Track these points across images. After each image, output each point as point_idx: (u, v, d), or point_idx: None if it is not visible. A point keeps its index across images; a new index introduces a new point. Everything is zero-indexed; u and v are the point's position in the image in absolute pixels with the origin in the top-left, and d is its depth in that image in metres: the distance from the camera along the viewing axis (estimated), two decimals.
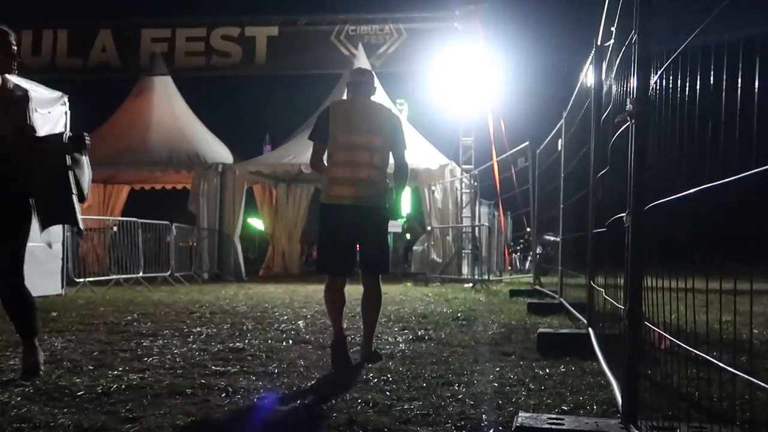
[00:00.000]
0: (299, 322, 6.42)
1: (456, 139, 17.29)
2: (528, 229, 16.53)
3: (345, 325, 4.85)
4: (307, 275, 13.04)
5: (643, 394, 2.58)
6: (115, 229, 12.14)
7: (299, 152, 15.69)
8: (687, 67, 2.05)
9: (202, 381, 3.68)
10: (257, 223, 35.43)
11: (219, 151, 16.94)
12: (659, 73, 2.37)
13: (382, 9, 18.45)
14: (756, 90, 1.61)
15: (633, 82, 2.66)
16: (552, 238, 12.61)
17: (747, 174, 1.58)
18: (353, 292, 4.82)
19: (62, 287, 9.65)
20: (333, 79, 17.56)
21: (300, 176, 17.01)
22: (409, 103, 19.43)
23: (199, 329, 5.86)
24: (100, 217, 14.51)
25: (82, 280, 10.57)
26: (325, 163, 4.49)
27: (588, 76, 5.44)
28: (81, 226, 3.90)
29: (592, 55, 5.02)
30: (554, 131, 8.68)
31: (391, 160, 4.58)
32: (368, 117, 4.54)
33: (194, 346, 4.91)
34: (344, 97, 4.75)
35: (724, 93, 1.75)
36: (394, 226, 18.73)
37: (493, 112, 18.50)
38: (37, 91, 8.03)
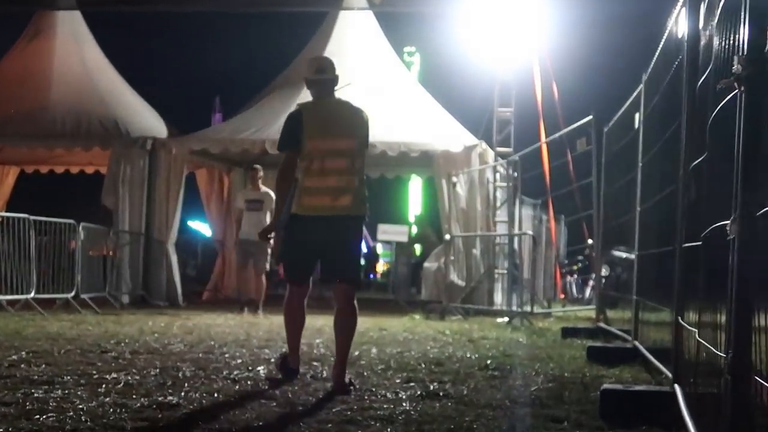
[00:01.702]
0: (259, 369, 6.43)
1: (488, 110, 17.31)
2: (589, 242, 16.51)
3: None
4: (271, 301, 13.04)
5: None
6: None
7: (263, 124, 15.71)
8: None
9: None
10: (201, 227, 35.52)
11: (148, 120, 16.95)
12: None
13: None
14: None
15: (742, 33, 2.66)
16: (623, 255, 12.61)
17: None
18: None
19: None
20: (309, 22, 17.65)
21: (264, 158, 16.99)
22: (422, 54, 19.46)
23: (114, 375, 5.85)
24: None
25: None
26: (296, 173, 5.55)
27: (678, 24, 5.44)
28: None
29: None
30: (629, 101, 8.68)
31: None
32: (343, 119, 5.92)
33: (107, 399, 4.91)
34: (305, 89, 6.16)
35: None
36: (398, 234, 18.77)
37: (542, 71, 18.51)
38: None
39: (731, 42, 3.02)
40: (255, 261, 13.22)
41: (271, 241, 7.56)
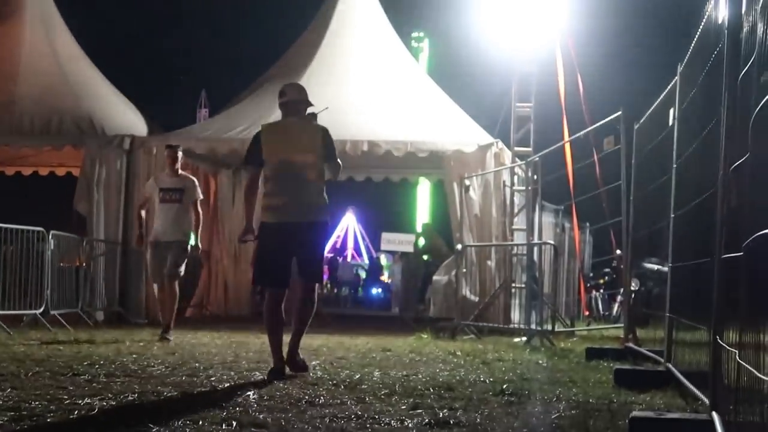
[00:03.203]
0: (249, 393, 6.42)
1: (506, 105, 17.29)
2: (618, 252, 16.49)
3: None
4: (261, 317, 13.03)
5: None
6: None
7: (254, 121, 15.72)
8: None
9: None
10: None
11: (126, 117, 17.00)
12: None
13: None
14: None
15: None
16: (655, 268, 12.58)
17: None
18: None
19: None
20: (306, 6, 17.68)
21: None
22: (431, 41, 19.53)
23: (88, 401, 5.85)
24: None
25: None
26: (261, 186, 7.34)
27: (718, 10, 5.44)
28: None
29: None
30: (662, 96, 8.68)
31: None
32: (299, 136, 7.71)
33: (79, 428, 4.90)
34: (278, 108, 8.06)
35: None
36: (404, 244, 18.77)
37: (566, 62, 18.52)
38: None
39: None
40: (169, 265, 11.51)
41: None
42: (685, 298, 6.96)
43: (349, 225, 70.37)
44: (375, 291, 36.95)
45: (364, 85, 16.53)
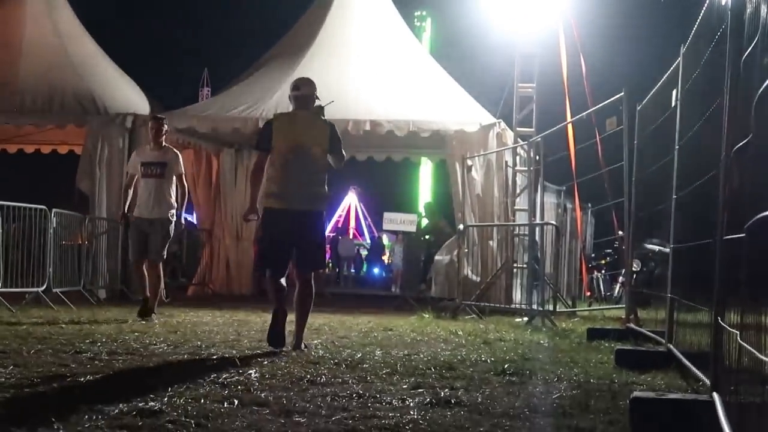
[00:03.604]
0: (250, 372, 6.44)
1: (508, 85, 17.26)
2: (620, 233, 16.46)
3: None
4: (264, 295, 13.06)
5: None
6: None
7: (257, 100, 15.75)
8: None
9: None
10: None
11: (128, 95, 16.98)
12: None
13: None
14: None
15: None
16: (657, 249, 12.56)
17: None
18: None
19: None
20: None
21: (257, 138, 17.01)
22: (433, 19, 19.46)
23: (90, 378, 5.86)
24: None
25: None
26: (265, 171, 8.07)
27: None
28: None
29: None
30: (665, 77, 8.66)
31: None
32: (308, 129, 8.14)
33: (81, 405, 4.92)
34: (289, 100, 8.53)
35: None
36: (406, 224, 18.76)
37: (569, 42, 18.46)
38: None
39: None
40: (152, 244, 11.13)
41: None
42: (687, 279, 6.97)
43: (351, 204, 70.42)
44: (377, 270, 36.97)
45: (367, 65, 16.50)
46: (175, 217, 11.32)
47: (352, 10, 17.34)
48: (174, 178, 11.29)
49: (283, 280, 8.13)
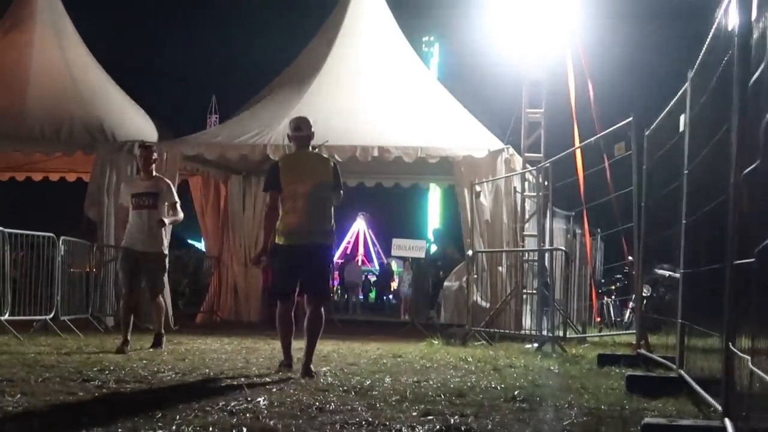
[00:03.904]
0: (259, 399, 6.42)
1: (516, 111, 17.28)
2: (629, 258, 16.44)
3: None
4: (273, 322, 13.05)
5: None
6: None
7: (264, 127, 15.78)
8: None
9: None
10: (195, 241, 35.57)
11: (136, 122, 17.03)
12: None
13: None
14: None
15: None
16: (667, 274, 12.53)
17: None
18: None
19: None
20: (317, 13, 17.71)
21: (266, 165, 17.01)
22: (441, 45, 19.53)
23: (98, 407, 5.85)
24: None
25: None
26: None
27: (728, 16, 5.42)
28: None
29: None
30: (673, 102, 8.66)
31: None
32: (313, 167, 8.65)
33: None
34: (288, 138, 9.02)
35: None
36: (415, 250, 18.75)
37: (577, 68, 18.51)
38: None
39: None
40: (148, 279, 10.97)
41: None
42: (697, 304, 6.94)
43: (359, 230, 70.39)
44: (385, 297, 36.87)
45: (374, 91, 16.54)
46: (167, 249, 11.21)
47: (360, 36, 17.41)
48: (166, 207, 10.92)
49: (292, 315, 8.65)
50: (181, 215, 11.22)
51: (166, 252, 11.18)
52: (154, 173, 11.15)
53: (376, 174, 19.40)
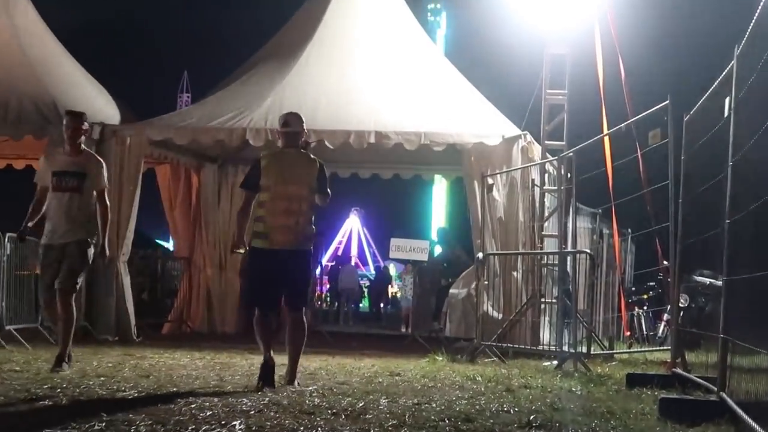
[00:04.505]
0: (235, 424, 6.42)
1: (535, 93, 17.28)
2: (665, 263, 16.44)
3: None
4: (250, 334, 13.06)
5: None
6: None
7: (244, 108, 15.75)
8: None
9: None
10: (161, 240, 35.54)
11: (95, 102, 17.01)
12: None
13: None
14: None
15: None
16: (708, 281, 12.53)
17: None
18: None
19: None
20: None
21: (245, 152, 17.05)
22: (449, 14, 19.54)
23: (48, 430, 5.84)
24: None
25: None
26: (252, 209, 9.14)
27: None
28: None
29: None
30: (717, 82, 8.67)
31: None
32: (297, 168, 9.19)
33: None
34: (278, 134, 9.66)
35: None
36: (416, 252, 18.75)
37: (605, 42, 18.51)
38: None
39: None
40: (61, 275, 9.90)
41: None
42: (743, 317, 6.94)
43: (352, 229, 70.30)
44: (382, 306, 36.80)
45: (372, 67, 16.54)
46: (95, 241, 10.15)
47: (356, 3, 17.40)
48: (94, 193, 10.11)
49: (271, 320, 9.24)
50: (107, 211, 10.26)
51: (92, 242, 10.13)
52: (83, 148, 10.32)
53: (373, 163, 19.41)
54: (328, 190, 9.40)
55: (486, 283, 14.79)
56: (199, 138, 15.75)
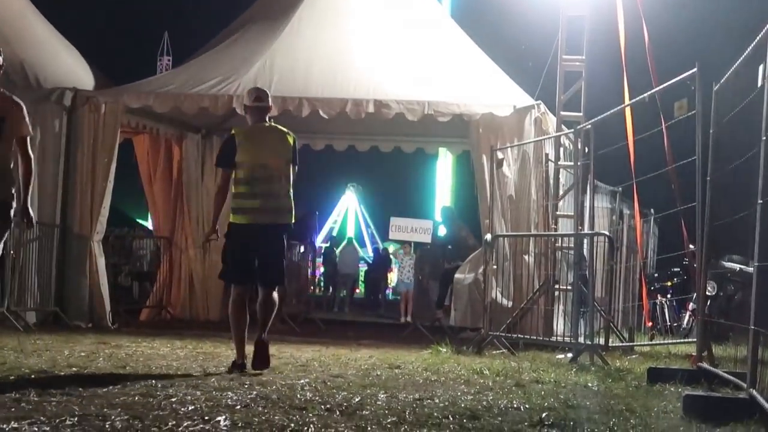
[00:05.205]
0: (219, 419, 6.44)
1: (550, 59, 17.26)
2: (691, 248, 16.44)
3: None
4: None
5: None
6: None
7: (230, 72, 15.74)
8: None
9: None
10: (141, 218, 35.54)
11: (67, 65, 16.99)
12: None
13: None
14: None
15: None
16: (738, 268, 12.54)
17: None
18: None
19: None
20: None
21: (231, 121, 17.01)
22: None
23: (14, 426, 5.86)
24: None
25: None
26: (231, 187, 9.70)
27: None
28: None
29: None
30: (749, 49, 8.66)
31: None
32: (272, 142, 9.93)
33: None
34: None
35: None
36: (419, 232, 18.77)
37: (627, 3, 18.51)
38: None
39: None
40: None
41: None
42: None
43: (349, 207, 70.16)
44: (380, 293, 36.73)
45: (370, 30, 16.52)
46: (18, 199, 8.92)
47: None
48: (14, 141, 8.86)
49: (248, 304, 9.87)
50: (31, 164, 9.04)
51: (13, 203, 8.87)
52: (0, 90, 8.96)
53: (371, 135, 19.39)
54: (297, 165, 10.10)
55: (495, 267, 14.82)
56: (181, 105, 15.72)
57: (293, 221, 10.16)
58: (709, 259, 11.38)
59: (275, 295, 9.98)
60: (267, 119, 10.18)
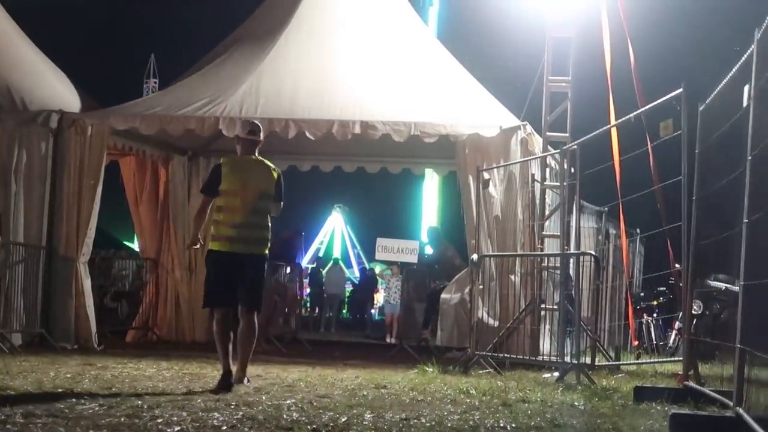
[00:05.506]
0: None
1: (536, 79, 17.31)
2: (676, 267, 16.49)
3: None
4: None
5: None
6: None
7: (217, 94, 15.73)
8: None
9: None
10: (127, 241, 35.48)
11: (54, 87, 16.97)
12: None
13: None
14: None
15: None
16: (724, 287, 12.56)
17: None
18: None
19: None
20: None
21: (217, 143, 17.03)
22: None
23: None
24: None
25: None
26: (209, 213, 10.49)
27: None
28: None
29: None
30: (735, 69, 8.70)
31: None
32: (257, 176, 10.35)
33: None
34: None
35: None
36: (405, 253, 18.77)
37: (614, 23, 18.57)
38: None
39: None
40: None
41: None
42: (762, 325, 6.97)
43: (335, 228, 70.12)
44: (366, 313, 36.67)
45: (356, 51, 16.54)
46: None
47: None
48: None
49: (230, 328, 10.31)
50: None
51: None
52: None
53: (358, 156, 19.39)
54: (282, 201, 10.60)
55: (481, 287, 14.81)
56: (167, 127, 15.71)
57: (268, 251, 10.61)
58: (695, 278, 11.41)
59: (255, 322, 10.38)
60: (256, 153, 10.54)
